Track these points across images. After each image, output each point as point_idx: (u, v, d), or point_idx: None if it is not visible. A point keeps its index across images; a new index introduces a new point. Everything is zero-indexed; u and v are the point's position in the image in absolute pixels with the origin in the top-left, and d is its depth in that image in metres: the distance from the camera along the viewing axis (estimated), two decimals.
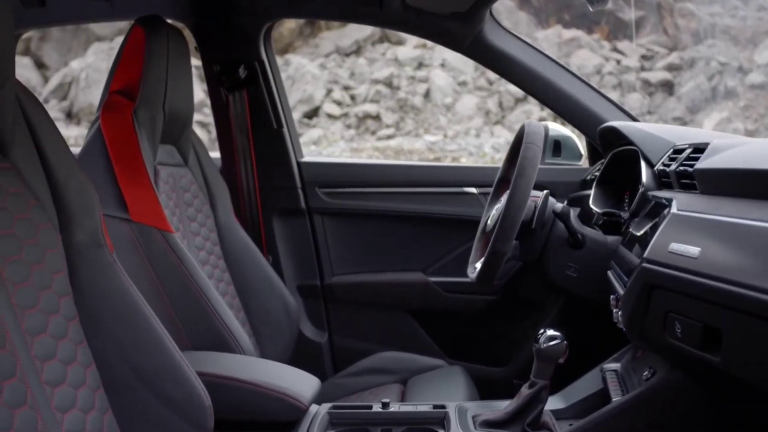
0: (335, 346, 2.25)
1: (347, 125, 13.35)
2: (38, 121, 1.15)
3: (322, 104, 13.60)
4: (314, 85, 13.86)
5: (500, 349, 2.14)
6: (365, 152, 12.14)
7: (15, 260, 1.04)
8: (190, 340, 1.56)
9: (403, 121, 13.15)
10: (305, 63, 14.35)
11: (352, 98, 13.75)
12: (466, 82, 13.07)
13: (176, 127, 1.82)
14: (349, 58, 14.66)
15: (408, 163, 2.26)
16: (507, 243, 1.50)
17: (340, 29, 15.32)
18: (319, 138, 12.90)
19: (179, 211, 1.80)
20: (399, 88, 13.52)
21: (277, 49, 8.76)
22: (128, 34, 1.69)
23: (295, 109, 13.52)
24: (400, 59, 13.85)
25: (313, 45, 15.40)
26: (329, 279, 2.25)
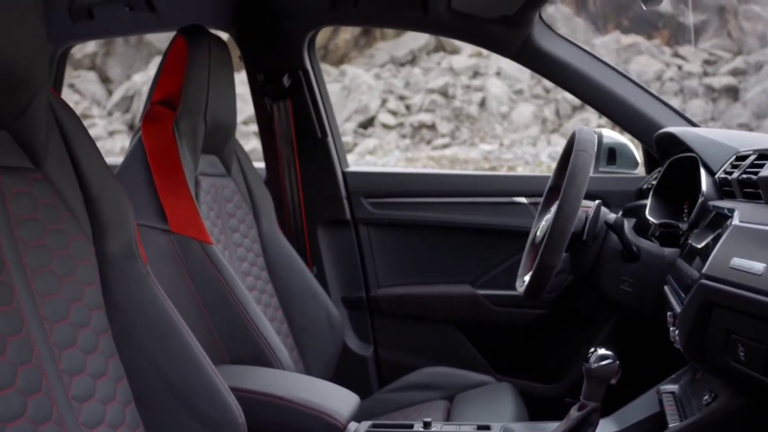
0: (381, 360, 2.19)
1: (402, 135, 13.33)
2: (72, 131, 1.14)
3: (378, 114, 13.63)
4: (369, 95, 13.91)
5: (551, 365, 2.05)
6: (420, 162, 12.10)
7: (45, 272, 1.03)
8: (228, 353, 1.53)
9: (459, 130, 13.07)
10: (360, 73, 14.42)
11: (407, 108, 13.74)
12: (522, 90, 12.91)
13: (218, 137, 1.80)
14: (404, 67, 14.67)
15: (456, 173, 2.20)
16: (556, 255, 1.43)
17: (395, 39, 15.35)
18: (374, 148, 12.92)
19: (221, 221, 1.78)
20: (454, 97, 13.44)
21: (332, 60, 8.80)
22: (170, 45, 1.69)
23: (350, 120, 13.58)
24: (456, 68, 13.77)
25: (368, 55, 15.48)
26: (375, 291, 2.20)
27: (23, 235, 1.01)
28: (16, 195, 1.01)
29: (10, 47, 0.94)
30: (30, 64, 0.99)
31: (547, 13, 1.94)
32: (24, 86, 0.99)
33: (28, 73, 0.99)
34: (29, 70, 0.99)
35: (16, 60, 0.96)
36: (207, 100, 1.69)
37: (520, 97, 12.92)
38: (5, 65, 0.94)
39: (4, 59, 0.94)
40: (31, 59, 0.99)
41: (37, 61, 1.00)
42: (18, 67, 0.96)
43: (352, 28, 15.54)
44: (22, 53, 0.96)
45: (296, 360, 1.92)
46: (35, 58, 1.00)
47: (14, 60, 0.95)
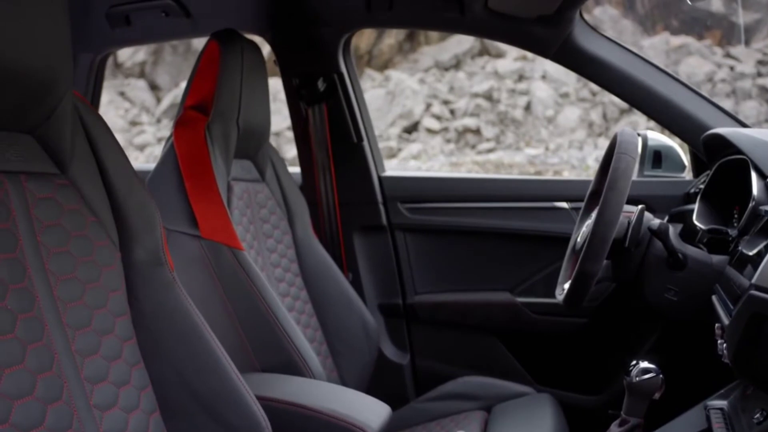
0: (417, 368, 2.15)
1: (447, 139, 13.28)
2: (99, 135, 1.13)
3: (422, 119, 13.61)
4: (414, 100, 13.89)
5: (593, 376, 1.98)
6: (465, 166, 12.04)
7: (68, 278, 1.01)
8: (259, 361, 1.51)
9: (504, 134, 12.95)
10: (405, 78, 14.41)
11: (451, 112, 13.69)
12: (568, 93, 12.73)
13: (252, 142, 1.79)
14: (448, 72, 14.62)
15: (495, 177, 2.15)
16: (596, 263, 1.36)
17: (439, 44, 15.31)
18: (418, 153, 12.89)
19: (254, 227, 1.77)
20: (499, 101, 13.33)
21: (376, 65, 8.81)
22: (203, 49, 1.68)
23: (394, 125, 13.58)
24: (500, 72, 13.66)
25: (413, 60, 15.46)
26: (411, 298, 2.16)
27: (47, 241, 1.00)
28: (41, 201, 1.01)
29: (33, 53, 0.93)
30: (54, 70, 0.98)
31: (592, 15, 1.87)
32: (48, 91, 0.98)
33: (52, 78, 0.98)
34: (53, 75, 0.98)
35: (40, 65, 0.95)
36: (239, 104, 1.68)
37: (566, 100, 12.74)
38: (29, 71, 0.93)
39: (28, 65, 0.93)
40: (55, 64, 0.98)
41: (61, 66, 0.99)
42: (42, 73, 0.96)
43: (396, 33, 15.56)
44: (45, 59, 0.96)
45: (330, 368, 1.89)
46: (59, 63, 0.99)
47: (38, 66, 0.94)
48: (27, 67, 0.93)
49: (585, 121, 12.29)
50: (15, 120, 0.98)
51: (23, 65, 0.92)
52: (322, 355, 1.88)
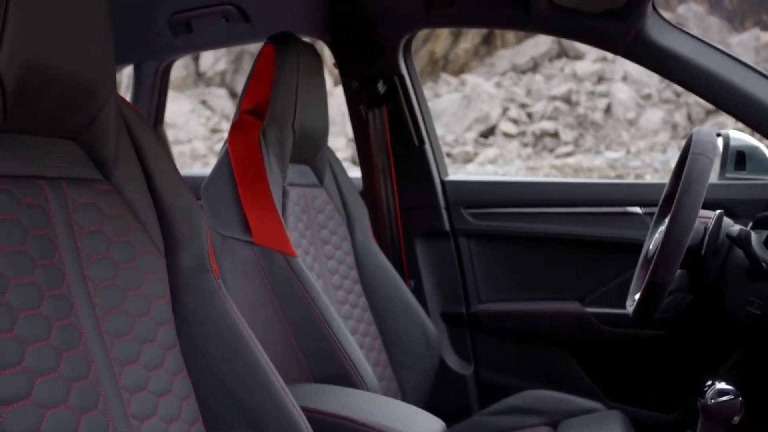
0: (481, 379, 2.07)
1: (524, 143, 13.09)
2: (144, 141, 1.11)
3: (499, 123, 13.47)
4: (490, 104, 13.77)
5: (668, 392, 1.85)
6: (542, 171, 11.83)
7: (108, 285, 1.00)
8: (312, 371, 1.47)
9: (583, 137, 12.66)
10: (481, 82, 14.30)
11: (528, 116, 13.49)
12: (650, 95, 12.31)
13: (309, 147, 1.76)
14: (525, 75, 14.42)
15: (563, 180, 2.05)
16: (668, 273, 1.26)
17: (516, 47, 15.11)
18: (495, 157, 12.76)
19: (310, 233, 1.73)
20: (578, 103, 13.05)
21: (452, 70, 8.74)
22: (260, 52, 1.66)
23: (470, 129, 13.48)
24: (579, 74, 13.36)
25: (489, 64, 15.32)
26: (475, 307, 2.08)
27: (87, 247, 0.98)
28: (82, 206, 0.99)
29: (75, 58, 0.92)
30: (97, 74, 0.97)
31: (676, 14, 1.76)
32: (90, 97, 0.97)
33: (94, 83, 0.97)
34: (95, 80, 0.97)
35: (83, 71, 0.94)
36: (295, 108, 1.65)
37: (648, 102, 12.33)
38: (70, 77, 0.92)
39: (70, 71, 0.92)
40: (96, 69, 0.96)
41: (103, 70, 0.98)
42: (83, 78, 0.94)
43: (471, 37, 15.45)
44: (87, 64, 0.94)
45: (389, 377, 1.84)
46: (101, 68, 0.98)
47: (79, 71, 0.93)
48: (68, 73, 0.92)
49: (668, 123, 11.85)
50: (57, 126, 0.97)
51: (64, 71, 0.91)
52: (381, 365, 1.83)
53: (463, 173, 11.61)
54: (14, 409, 0.82)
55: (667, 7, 10.97)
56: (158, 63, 2.33)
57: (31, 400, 0.84)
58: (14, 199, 0.90)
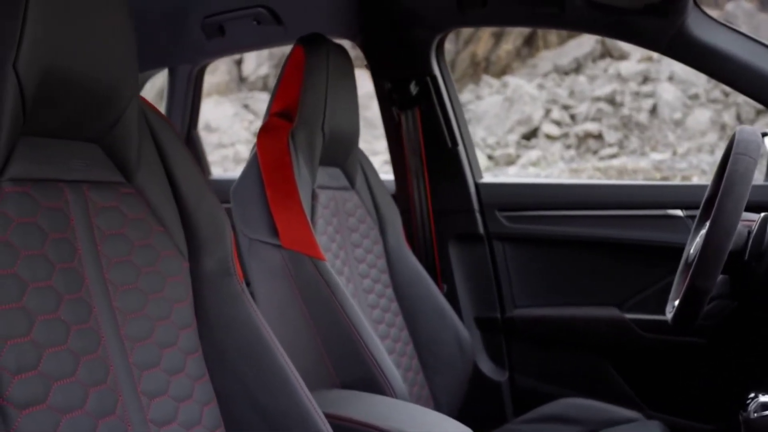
0: (516, 386, 2.02)
1: (567, 145, 12.92)
2: (167, 143, 1.11)
3: (541, 125, 13.32)
4: (532, 106, 13.63)
5: (710, 403, 1.77)
6: (586, 173, 11.65)
7: (129, 289, 0.99)
8: (339, 376, 1.44)
9: (627, 139, 12.43)
10: (523, 83, 14.17)
11: (571, 117, 13.31)
12: (697, 95, 12.02)
13: (339, 149, 1.74)
14: (568, 76, 14.23)
15: (601, 183, 1.99)
16: (708, 279, 1.20)
17: (558, 47, 14.93)
18: (537, 159, 12.62)
19: (340, 236, 1.71)
20: (622, 104, 12.82)
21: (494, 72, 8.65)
22: (289, 54, 1.65)
23: (512, 131, 13.36)
24: (623, 74, 13.13)
25: (531, 65, 15.16)
26: (510, 312, 2.03)
27: (108, 251, 0.98)
28: (103, 210, 0.99)
29: (96, 62, 0.92)
30: (118, 77, 0.96)
31: (724, 11, 1.69)
32: (113, 100, 0.97)
33: (116, 86, 0.96)
34: (117, 83, 0.96)
35: (103, 74, 0.93)
36: (324, 110, 1.63)
37: (695, 102, 12.04)
38: (92, 81, 0.92)
39: (91, 74, 0.92)
40: (119, 72, 0.96)
41: (126, 73, 0.98)
42: (106, 81, 0.94)
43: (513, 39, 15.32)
44: (109, 67, 0.94)
45: (421, 383, 1.80)
46: (123, 71, 0.97)
47: (101, 74, 0.93)
48: (89, 76, 0.91)
49: (717, 124, 11.55)
50: (79, 129, 0.97)
51: (85, 74, 0.91)
52: (413, 370, 1.79)
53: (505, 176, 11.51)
54: (30, 413, 0.81)
55: (715, 5, 10.68)
56: (192, 67, 2.34)
57: (47, 405, 0.83)
58: (34, 202, 0.89)
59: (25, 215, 0.88)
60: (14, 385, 0.80)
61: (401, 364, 1.77)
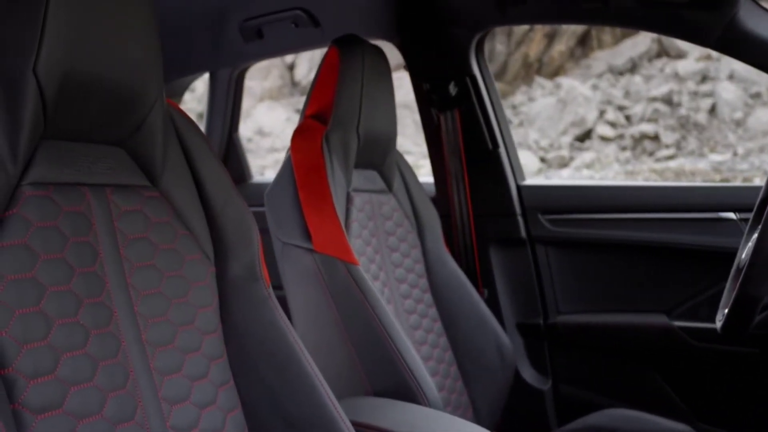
0: (560, 394, 1.95)
1: (622, 147, 12.65)
2: (194, 145, 1.10)
3: (595, 126, 13.08)
4: (586, 107, 13.39)
5: (764, 415, 1.68)
6: (641, 175, 11.39)
7: (152, 294, 0.98)
8: (371, 383, 1.41)
9: (685, 140, 12.09)
10: (576, 85, 13.94)
11: (627, 118, 13.03)
12: (759, 93, 11.61)
13: (376, 152, 1.71)
14: (623, 76, 13.94)
15: (649, 184, 1.91)
16: (761, 285, 1.14)
17: (613, 47, 14.63)
18: (592, 161, 12.39)
19: (376, 240, 1.68)
20: (680, 104, 12.48)
21: (546, 73, 8.52)
22: (324, 56, 1.63)
23: (566, 133, 13.15)
24: (681, 74, 12.78)
25: (585, 66, 14.90)
26: (554, 318, 1.97)
27: (130, 255, 0.97)
28: (126, 213, 0.98)
29: (117, 65, 0.91)
30: (141, 81, 0.95)
31: None
32: (136, 103, 0.96)
33: (139, 89, 0.95)
34: (140, 86, 0.96)
35: (126, 77, 0.93)
36: (359, 112, 1.61)
37: (757, 101, 11.63)
38: (113, 84, 0.91)
39: (112, 78, 0.91)
40: (141, 75, 0.95)
41: (149, 76, 0.97)
42: (128, 85, 0.94)
43: (566, 39, 15.07)
44: (131, 70, 0.93)
45: (460, 391, 1.76)
46: (146, 74, 0.96)
47: (123, 78, 0.92)
48: (110, 80, 0.91)
49: None
50: (103, 132, 0.97)
51: (106, 78, 0.90)
52: (451, 377, 1.75)
53: (558, 178, 11.32)
54: (46, 418, 0.81)
55: None
56: (231, 70, 2.35)
57: (63, 410, 0.82)
58: (55, 206, 0.89)
59: (45, 219, 0.87)
60: (30, 390, 0.80)
61: (439, 371, 1.73)
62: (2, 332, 0.79)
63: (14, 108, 0.84)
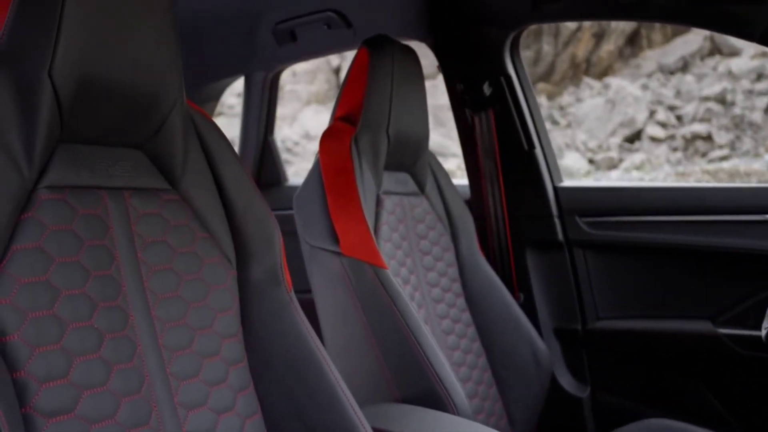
0: (598, 402, 1.89)
1: (673, 148, 12.37)
2: (215, 148, 1.09)
3: (645, 127, 12.82)
4: (636, 108, 13.14)
5: None
6: (693, 176, 11.09)
7: (170, 297, 0.97)
8: (399, 389, 1.38)
9: (740, 140, 11.75)
10: (625, 85, 13.68)
11: (678, 119, 12.73)
12: None
13: (407, 153, 1.68)
14: (674, 75, 13.63)
15: (694, 185, 1.83)
16: None
17: (663, 46, 14.32)
18: (641, 163, 12.14)
19: (407, 243, 1.66)
20: (734, 103, 12.14)
21: (594, 73, 8.35)
22: (354, 57, 1.61)
23: (615, 134, 12.92)
24: (735, 72, 12.43)
25: (634, 65, 14.62)
26: (592, 324, 1.91)
27: (148, 258, 0.96)
28: (145, 217, 0.98)
29: (134, 68, 0.91)
30: (159, 83, 0.95)
31: None
32: (154, 106, 0.96)
33: (157, 92, 0.95)
34: (158, 89, 0.95)
35: (143, 80, 0.92)
36: (389, 113, 1.59)
37: None
38: (130, 88, 0.91)
39: (129, 81, 0.90)
40: (159, 78, 0.95)
41: (167, 79, 0.96)
42: (145, 88, 0.93)
43: (615, 38, 14.81)
44: (148, 73, 0.93)
45: (494, 397, 1.72)
46: (164, 77, 0.96)
47: (140, 81, 0.92)
48: (127, 83, 0.90)
49: None
50: (121, 136, 0.96)
51: (122, 81, 0.90)
52: (485, 384, 1.71)
53: (607, 180, 11.09)
54: (57, 422, 0.80)
55: None
56: (266, 74, 2.35)
57: (75, 414, 0.82)
58: (71, 209, 0.89)
59: (60, 222, 0.87)
60: (41, 394, 0.79)
61: (472, 377, 1.69)
62: (14, 335, 0.79)
63: (30, 112, 0.84)
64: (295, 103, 15.43)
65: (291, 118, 15.05)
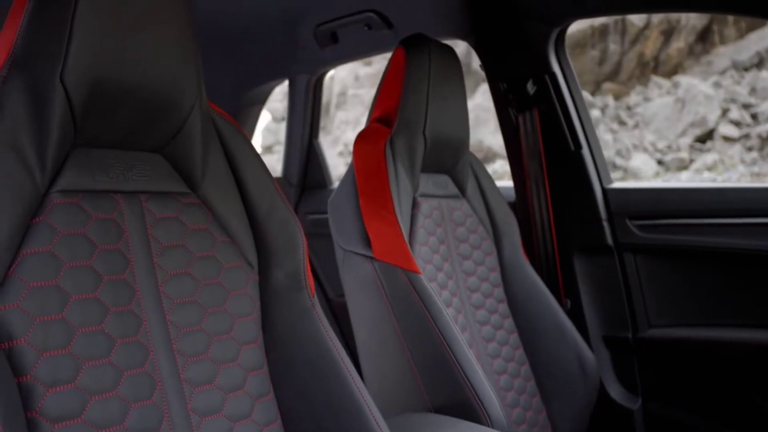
0: (650, 415, 1.80)
1: (748, 147, 11.90)
2: (238, 149, 1.07)
3: (717, 126, 12.37)
4: (707, 106, 12.70)
5: None
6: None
7: (185, 302, 0.96)
8: (431, 399, 1.34)
9: None
10: (696, 83, 13.24)
11: (753, 117, 12.25)
12: None
13: (445, 155, 1.64)
14: (748, 72, 13.10)
15: (751, 186, 1.72)
16: None
17: (736, 42, 13.80)
18: (713, 163, 11.72)
19: (445, 247, 1.61)
20: None
21: (663, 72, 8.10)
22: (391, 57, 1.58)
23: (685, 134, 12.52)
24: None
25: (705, 63, 14.13)
26: (644, 332, 1.82)
27: (164, 263, 0.95)
28: (161, 221, 0.97)
29: (149, 72, 0.90)
30: (175, 87, 0.94)
31: None
32: (170, 109, 0.95)
33: (173, 96, 0.94)
34: (174, 92, 0.94)
35: (158, 84, 0.91)
36: (426, 114, 1.55)
37: None
38: (145, 91, 0.90)
39: (143, 85, 0.90)
40: (175, 82, 0.94)
41: (184, 82, 0.95)
42: (160, 91, 0.92)
43: (685, 35, 14.34)
44: (164, 77, 0.92)
45: (537, 408, 1.66)
46: (181, 80, 0.95)
47: (155, 85, 0.91)
48: (141, 87, 0.90)
49: None
50: (138, 139, 0.96)
51: (136, 85, 0.89)
52: (528, 394, 1.65)
53: (677, 181, 10.74)
54: (63, 427, 0.80)
55: None
56: (309, 76, 2.34)
57: (82, 420, 0.81)
58: (84, 213, 0.89)
59: (72, 227, 0.87)
60: (47, 398, 0.79)
61: (514, 386, 1.63)
62: (21, 340, 0.79)
63: (42, 116, 0.84)
64: (358, 108, 15.50)
65: (354, 121, 15.12)
